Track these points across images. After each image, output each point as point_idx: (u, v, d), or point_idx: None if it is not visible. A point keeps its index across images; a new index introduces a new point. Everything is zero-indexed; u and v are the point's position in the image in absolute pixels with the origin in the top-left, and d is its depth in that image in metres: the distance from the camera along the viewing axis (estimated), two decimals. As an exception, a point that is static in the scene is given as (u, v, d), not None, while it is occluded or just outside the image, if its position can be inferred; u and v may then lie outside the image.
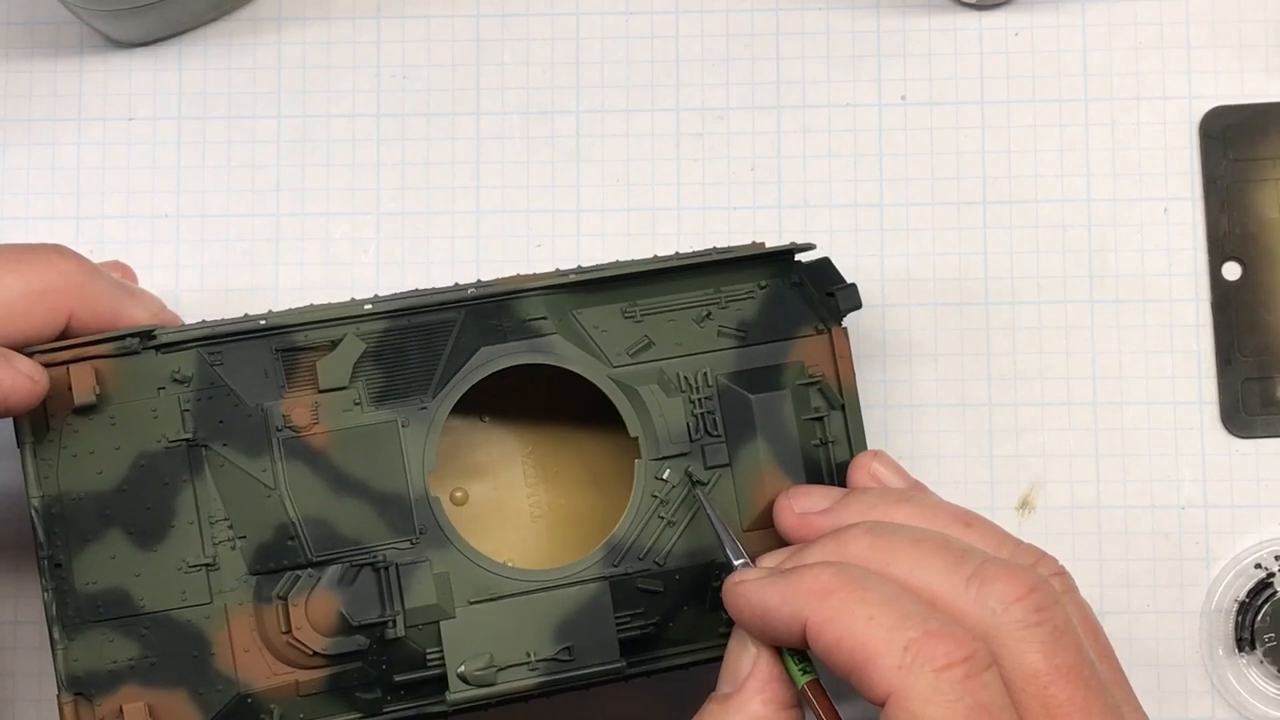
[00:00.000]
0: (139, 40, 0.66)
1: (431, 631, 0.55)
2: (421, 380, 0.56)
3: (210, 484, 0.55)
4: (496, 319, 0.57)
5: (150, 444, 0.55)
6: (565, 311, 0.57)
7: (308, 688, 0.55)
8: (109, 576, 0.54)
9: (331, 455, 0.55)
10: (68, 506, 0.54)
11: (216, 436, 0.55)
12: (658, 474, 0.57)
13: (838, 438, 0.58)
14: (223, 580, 0.55)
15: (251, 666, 0.55)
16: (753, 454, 0.57)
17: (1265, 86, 0.65)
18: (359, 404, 0.56)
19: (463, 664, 0.55)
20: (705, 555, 0.57)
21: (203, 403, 0.55)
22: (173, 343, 0.55)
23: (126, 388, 0.55)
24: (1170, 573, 0.64)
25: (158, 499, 0.55)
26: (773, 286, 0.58)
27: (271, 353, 0.56)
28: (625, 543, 0.56)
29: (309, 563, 0.55)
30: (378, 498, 0.55)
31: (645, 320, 0.58)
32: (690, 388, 0.57)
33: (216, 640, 0.55)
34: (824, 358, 0.58)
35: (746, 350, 0.58)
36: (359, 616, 0.55)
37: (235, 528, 0.55)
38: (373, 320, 0.56)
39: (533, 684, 0.55)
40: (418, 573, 0.55)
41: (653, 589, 0.56)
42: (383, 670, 0.55)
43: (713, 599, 0.57)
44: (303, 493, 0.55)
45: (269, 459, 0.55)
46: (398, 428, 0.56)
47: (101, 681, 0.54)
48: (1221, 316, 0.65)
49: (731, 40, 0.66)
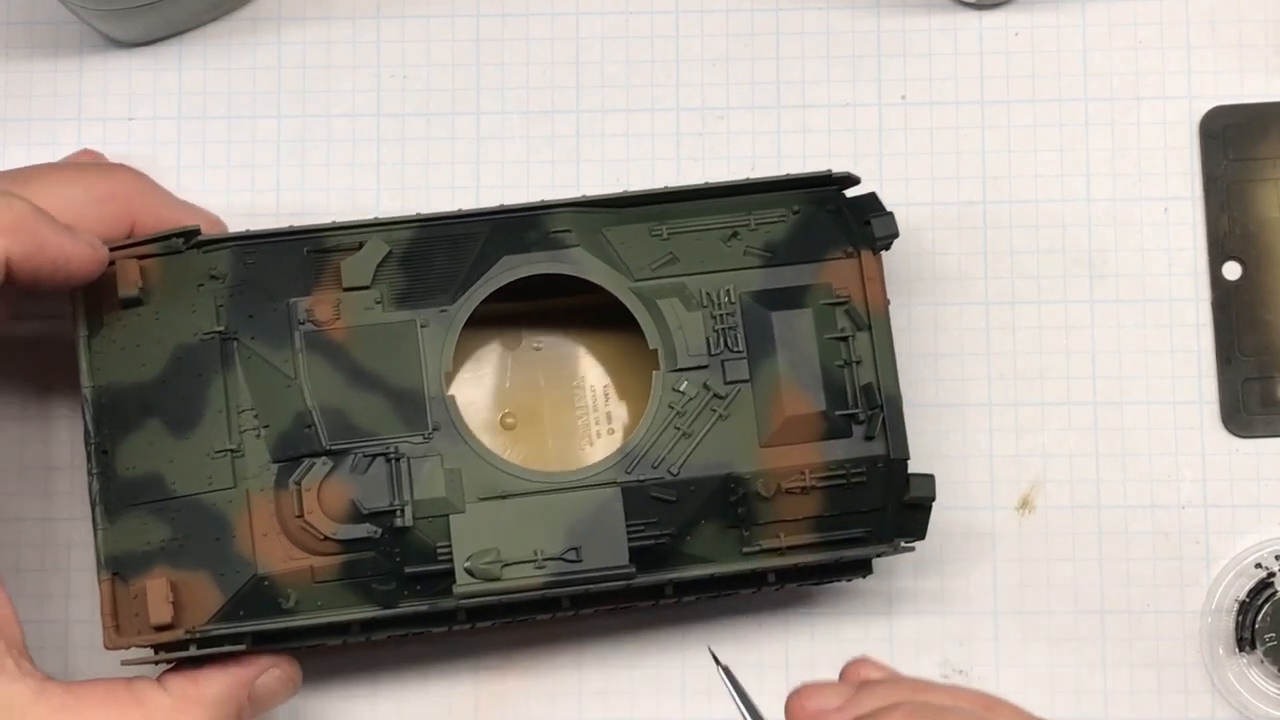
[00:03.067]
0: (139, 40, 0.66)
1: (441, 525, 0.57)
2: (444, 285, 0.58)
3: (239, 375, 0.57)
4: (522, 231, 0.58)
5: (187, 337, 0.57)
6: (594, 229, 0.59)
7: (322, 574, 0.57)
8: (146, 463, 0.57)
9: (350, 350, 0.58)
10: (114, 396, 0.57)
11: (246, 330, 0.57)
12: (675, 385, 0.58)
13: (863, 358, 0.59)
14: (246, 467, 0.57)
15: (269, 550, 0.57)
16: (772, 371, 0.58)
17: (1265, 86, 0.65)
18: (380, 303, 0.58)
19: (469, 558, 0.56)
20: (721, 468, 0.58)
21: (235, 299, 0.58)
22: (212, 242, 0.58)
23: (169, 284, 0.58)
24: (1170, 573, 0.64)
25: (192, 389, 0.57)
26: (806, 212, 0.59)
27: (302, 255, 0.58)
28: (640, 451, 0.57)
29: (324, 450, 0.57)
30: (393, 393, 0.57)
31: (672, 239, 0.59)
32: (712, 303, 0.58)
33: (238, 524, 0.57)
34: (853, 280, 0.59)
35: (773, 270, 0.59)
36: (368, 504, 0.57)
37: (260, 417, 0.57)
38: (402, 228, 0.58)
39: (539, 582, 0.56)
40: (428, 466, 0.57)
41: (666, 498, 0.57)
42: (395, 562, 0.57)
43: (732, 515, 0.57)
44: (321, 384, 0.57)
45: (291, 351, 0.57)
46: (416, 328, 0.58)
47: (136, 562, 0.57)
48: (1221, 316, 0.65)
49: (731, 40, 0.66)
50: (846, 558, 0.58)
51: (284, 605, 0.57)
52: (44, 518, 0.64)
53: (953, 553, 0.64)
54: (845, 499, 0.58)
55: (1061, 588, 0.64)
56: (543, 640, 0.64)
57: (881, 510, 0.59)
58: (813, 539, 0.58)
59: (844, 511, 0.58)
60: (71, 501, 0.64)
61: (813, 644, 0.64)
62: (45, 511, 0.64)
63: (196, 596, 0.57)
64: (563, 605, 0.59)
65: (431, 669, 0.64)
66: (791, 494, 0.58)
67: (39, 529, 0.64)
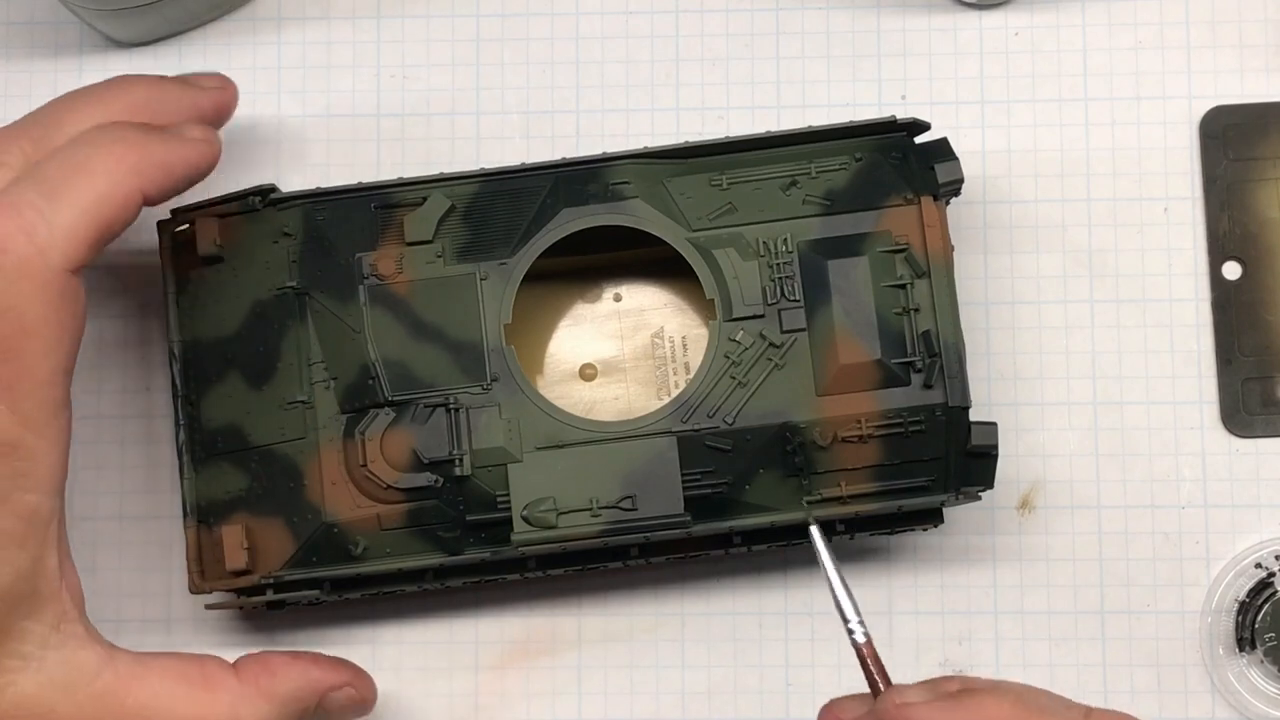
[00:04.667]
0: (139, 40, 0.66)
1: (500, 474, 0.58)
2: (504, 238, 0.59)
3: (310, 329, 0.59)
4: (583, 184, 0.59)
5: (263, 292, 0.59)
6: (656, 180, 0.59)
7: (389, 522, 0.58)
8: (226, 414, 0.59)
9: (412, 302, 0.59)
10: (199, 350, 0.60)
11: (316, 285, 0.59)
12: (731, 335, 0.58)
13: (922, 305, 0.58)
14: (317, 417, 0.58)
15: (337, 499, 0.58)
16: (828, 319, 0.58)
17: (1265, 86, 0.65)
18: (441, 257, 0.59)
19: (526, 507, 0.57)
20: (776, 417, 0.58)
21: (306, 254, 0.59)
22: (286, 199, 0.59)
23: (246, 241, 0.59)
24: (1170, 573, 0.64)
25: (267, 342, 0.59)
26: (869, 159, 0.59)
27: (369, 210, 0.59)
28: (695, 401, 0.58)
29: (387, 401, 0.58)
30: (453, 345, 0.58)
31: (731, 189, 0.59)
32: (770, 252, 0.59)
33: (308, 472, 0.58)
34: (913, 227, 0.59)
35: (831, 218, 0.59)
36: (429, 453, 0.58)
37: (329, 369, 0.59)
38: (466, 183, 0.59)
39: (595, 530, 0.57)
40: (486, 416, 0.58)
41: (721, 447, 0.58)
42: (459, 509, 0.58)
43: (789, 465, 0.58)
44: (384, 336, 0.59)
45: (356, 305, 0.59)
46: (476, 280, 0.59)
47: (219, 509, 0.59)
48: (1221, 316, 0.65)
49: (731, 40, 0.66)
50: (909, 506, 0.58)
51: (353, 552, 0.58)
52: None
53: (952, 553, 0.64)
54: (905, 448, 0.58)
55: (1061, 588, 0.64)
56: (543, 639, 0.64)
57: (944, 459, 0.58)
58: (874, 487, 0.58)
59: (905, 460, 0.58)
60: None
61: (813, 644, 0.64)
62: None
63: (272, 543, 0.58)
64: (631, 554, 0.60)
65: (432, 668, 0.64)
66: (849, 443, 0.58)
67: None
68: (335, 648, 0.63)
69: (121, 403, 0.65)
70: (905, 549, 0.64)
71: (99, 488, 0.64)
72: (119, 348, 0.65)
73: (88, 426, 0.64)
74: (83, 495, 0.64)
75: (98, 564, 0.64)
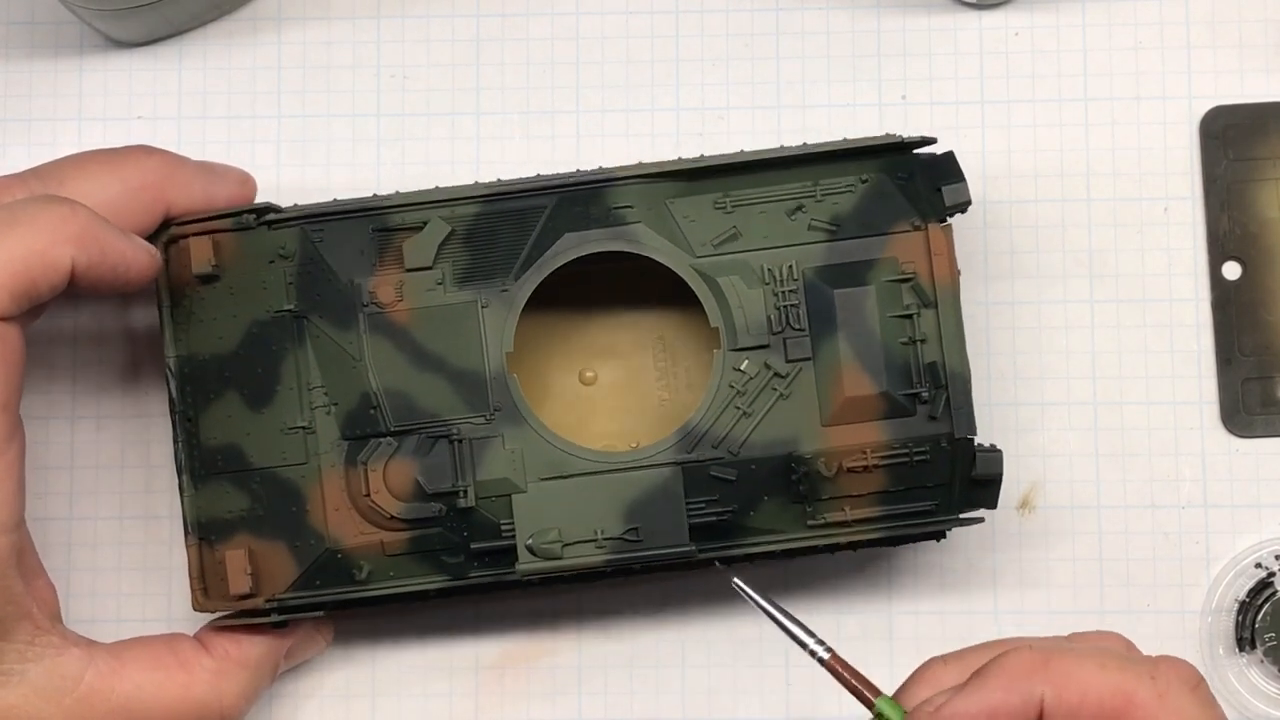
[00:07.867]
0: (139, 40, 0.66)
1: (504, 504, 0.58)
2: (505, 264, 0.58)
3: (309, 353, 0.58)
4: (585, 206, 0.58)
5: (261, 313, 0.59)
6: (659, 201, 0.58)
7: (392, 548, 0.58)
8: (226, 433, 0.59)
9: (413, 331, 0.58)
10: (196, 367, 0.59)
11: (314, 309, 0.58)
12: (736, 365, 0.58)
13: (928, 335, 0.58)
14: (318, 443, 0.58)
15: (341, 524, 0.58)
16: (833, 350, 0.58)
17: (1265, 86, 0.65)
18: (441, 284, 0.58)
19: (531, 536, 0.57)
20: (782, 447, 0.58)
21: (304, 277, 0.58)
22: (282, 219, 0.59)
23: (242, 260, 0.59)
24: (1170, 573, 0.64)
25: (266, 364, 0.58)
26: (876, 181, 0.59)
27: (368, 233, 0.58)
28: (700, 430, 0.58)
29: (388, 431, 0.58)
30: (455, 374, 0.58)
31: (735, 211, 0.59)
32: (775, 280, 0.58)
33: (311, 498, 0.58)
34: (919, 254, 0.58)
35: (837, 244, 0.59)
36: (432, 485, 0.58)
37: (329, 395, 0.58)
38: (467, 204, 0.58)
39: (599, 561, 0.57)
40: (490, 447, 0.58)
41: (726, 477, 0.57)
42: (463, 537, 0.58)
43: (794, 492, 0.58)
44: (384, 366, 0.58)
45: (356, 332, 0.58)
46: (478, 308, 0.58)
47: (220, 528, 0.59)
48: (1221, 316, 0.65)
49: (731, 40, 0.66)
50: (912, 532, 0.58)
51: (357, 576, 0.58)
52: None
53: (953, 553, 0.64)
54: (909, 475, 0.58)
55: (1061, 588, 0.64)
56: (543, 639, 0.64)
57: (948, 485, 0.58)
58: (878, 512, 0.58)
59: (909, 487, 0.58)
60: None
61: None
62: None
63: (275, 567, 0.58)
64: (634, 569, 0.59)
65: (432, 669, 0.64)
66: (854, 472, 0.58)
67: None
68: (335, 648, 0.63)
69: (122, 403, 0.65)
70: (906, 549, 0.64)
71: (99, 488, 0.64)
72: (119, 348, 0.65)
73: (88, 426, 0.64)
74: (83, 495, 0.64)
75: (98, 564, 0.64)
